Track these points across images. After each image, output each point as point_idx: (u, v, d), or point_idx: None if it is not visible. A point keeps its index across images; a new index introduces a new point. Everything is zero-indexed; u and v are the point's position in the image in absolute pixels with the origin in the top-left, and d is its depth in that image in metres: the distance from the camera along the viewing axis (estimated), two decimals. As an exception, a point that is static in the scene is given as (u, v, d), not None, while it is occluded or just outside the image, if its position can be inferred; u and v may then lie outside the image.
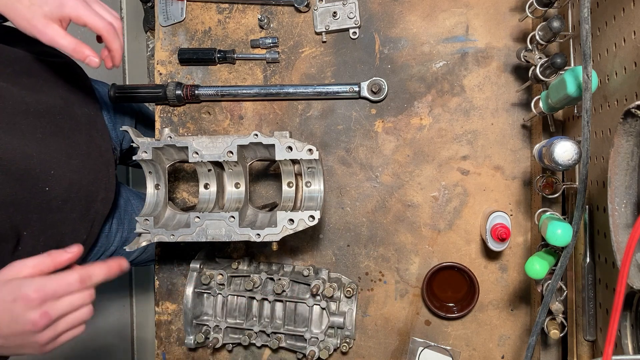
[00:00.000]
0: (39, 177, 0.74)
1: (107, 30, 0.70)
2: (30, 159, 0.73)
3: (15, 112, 0.73)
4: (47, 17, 0.66)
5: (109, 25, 0.70)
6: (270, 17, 0.94)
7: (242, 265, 0.92)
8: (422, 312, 0.93)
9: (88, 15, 0.68)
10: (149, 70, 2.00)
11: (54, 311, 0.59)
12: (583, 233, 0.70)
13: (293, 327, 0.88)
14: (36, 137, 0.75)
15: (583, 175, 0.56)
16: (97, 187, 0.86)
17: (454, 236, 0.91)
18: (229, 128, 0.95)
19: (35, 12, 0.66)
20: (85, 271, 0.62)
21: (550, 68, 0.69)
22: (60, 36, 0.67)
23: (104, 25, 0.69)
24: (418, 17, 0.91)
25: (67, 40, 0.67)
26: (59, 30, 0.67)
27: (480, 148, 0.90)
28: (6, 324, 0.57)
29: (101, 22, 0.69)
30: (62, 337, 0.62)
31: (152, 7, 1.93)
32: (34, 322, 0.57)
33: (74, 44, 0.68)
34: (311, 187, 0.78)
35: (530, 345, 0.61)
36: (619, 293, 0.42)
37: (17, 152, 0.71)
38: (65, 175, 0.78)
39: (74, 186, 0.80)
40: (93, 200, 0.85)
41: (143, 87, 0.94)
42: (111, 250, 0.98)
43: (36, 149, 0.74)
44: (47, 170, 0.75)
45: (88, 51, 0.69)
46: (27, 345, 0.60)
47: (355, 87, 0.90)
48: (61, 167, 0.78)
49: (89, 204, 0.84)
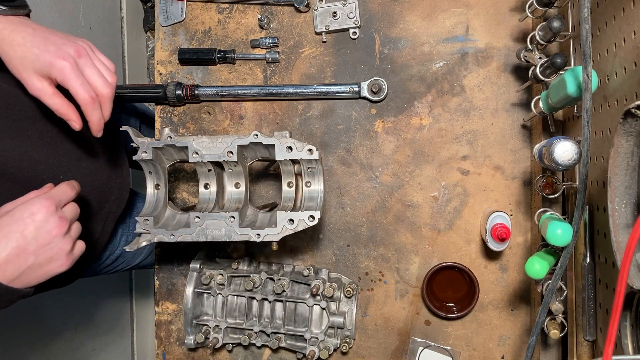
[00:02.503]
0: (47, 182, 0.73)
1: (86, 103, 0.67)
2: (38, 164, 0.72)
3: (22, 117, 0.72)
4: (37, 73, 0.65)
5: (90, 98, 0.66)
6: (270, 17, 0.94)
7: (242, 265, 0.92)
8: (422, 312, 0.93)
9: (72, 83, 0.65)
10: (149, 70, 2.00)
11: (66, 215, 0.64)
12: (583, 233, 0.70)
13: (293, 327, 0.88)
14: (44, 141, 0.74)
15: (583, 175, 0.56)
16: (110, 187, 0.85)
17: (454, 236, 0.91)
18: (229, 128, 0.95)
19: (26, 66, 0.64)
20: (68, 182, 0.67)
21: (550, 68, 0.69)
22: (47, 95, 0.65)
23: (84, 97, 0.66)
24: (418, 17, 0.91)
25: (53, 101, 0.66)
26: (48, 88, 0.65)
27: (480, 148, 0.90)
28: (33, 236, 0.59)
29: (83, 93, 0.66)
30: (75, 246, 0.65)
31: (152, 7, 1.93)
32: (58, 225, 0.61)
33: (59, 105, 0.66)
34: (311, 187, 0.78)
35: (530, 345, 0.61)
36: (619, 293, 0.42)
37: (24, 159, 0.71)
38: (75, 178, 0.77)
39: (85, 189, 0.79)
40: (106, 200, 0.85)
41: (143, 87, 0.94)
42: (116, 254, 0.98)
43: (44, 154, 0.73)
44: (56, 175, 0.75)
45: (73, 115, 0.67)
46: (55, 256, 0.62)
47: (355, 87, 0.90)
48: (71, 171, 0.77)
49: (101, 205, 0.84)
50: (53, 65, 0.64)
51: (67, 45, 0.66)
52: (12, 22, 0.65)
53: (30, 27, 0.66)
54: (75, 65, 0.66)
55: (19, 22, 0.66)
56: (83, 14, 1.49)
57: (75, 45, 0.67)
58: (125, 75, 1.80)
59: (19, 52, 0.64)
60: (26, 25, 0.66)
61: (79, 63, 0.67)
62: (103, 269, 0.98)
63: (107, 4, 1.68)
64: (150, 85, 0.93)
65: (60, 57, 0.65)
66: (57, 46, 0.65)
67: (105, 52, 0.73)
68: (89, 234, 0.83)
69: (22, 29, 0.65)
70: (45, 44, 0.65)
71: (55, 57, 0.64)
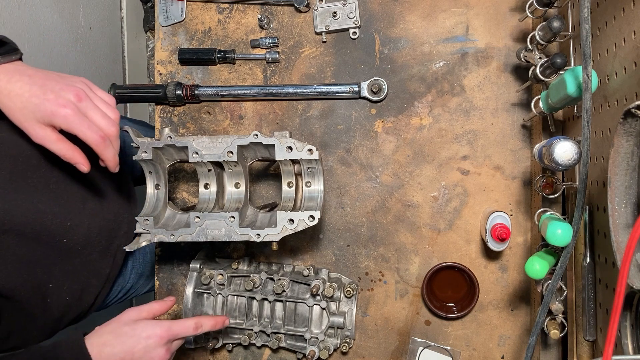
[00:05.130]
0: (55, 232, 0.73)
1: (97, 144, 0.66)
2: (44, 216, 0.72)
3: (27, 167, 0.71)
4: (39, 122, 0.64)
5: (100, 138, 0.66)
6: (270, 17, 0.94)
7: (242, 265, 0.92)
8: (422, 312, 0.93)
9: (78, 129, 0.65)
10: (149, 70, 2.00)
11: (173, 348, 0.72)
12: (583, 233, 0.70)
13: (293, 327, 0.88)
14: (49, 188, 0.74)
15: (583, 175, 0.56)
16: (119, 223, 0.85)
17: (454, 236, 0.91)
18: (229, 128, 0.95)
19: (27, 116, 0.64)
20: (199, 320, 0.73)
21: (550, 68, 0.69)
22: (51, 142, 0.65)
23: (94, 139, 0.66)
24: (418, 17, 0.91)
25: (58, 146, 0.65)
26: (51, 135, 0.65)
27: (480, 148, 0.90)
28: (139, 356, 0.68)
29: (92, 135, 0.65)
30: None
31: (152, 7, 1.93)
32: (161, 357, 0.69)
33: (64, 150, 0.66)
34: (311, 187, 0.78)
35: (530, 345, 0.61)
36: (619, 293, 0.42)
37: (31, 212, 0.70)
38: (82, 222, 0.77)
39: (93, 230, 0.79)
40: (115, 236, 0.85)
41: (143, 87, 0.94)
42: (127, 287, 0.98)
43: (49, 202, 0.73)
44: (63, 223, 0.75)
45: (80, 158, 0.67)
46: None
47: (355, 87, 0.90)
48: (77, 216, 0.77)
49: (110, 241, 0.84)
50: (55, 115, 0.64)
51: (66, 91, 0.65)
52: (7, 72, 0.64)
53: (25, 75, 0.65)
54: (78, 110, 0.65)
55: (13, 70, 0.64)
56: (83, 14, 1.49)
57: (74, 89, 0.66)
58: (125, 75, 1.80)
59: (18, 104, 0.63)
60: (21, 74, 0.65)
61: (81, 107, 0.66)
62: (113, 302, 0.99)
63: (107, 4, 1.68)
64: (150, 85, 0.93)
65: (61, 105, 0.64)
66: (55, 93, 0.64)
67: (105, 52, 0.72)
68: (99, 270, 0.83)
69: (18, 78, 0.64)
70: (43, 92, 0.64)
71: (56, 106, 0.64)
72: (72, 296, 0.73)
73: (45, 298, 0.75)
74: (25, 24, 1.21)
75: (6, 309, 0.70)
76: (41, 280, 0.73)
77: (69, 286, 0.78)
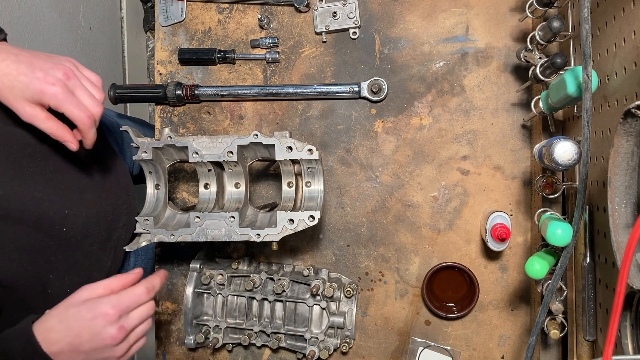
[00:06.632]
0: (54, 220, 0.73)
1: (84, 123, 0.67)
2: (41, 203, 0.72)
3: (22, 155, 0.71)
4: (28, 101, 0.64)
5: (87, 117, 0.67)
6: (270, 17, 0.94)
7: (242, 265, 0.92)
8: (422, 312, 0.93)
9: (67, 107, 0.65)
10: (149, 70, 2.01)
11: (128, 324, 0.66)
12: (583, 233, 0.70)
13: (293, 327, 0.88)
14: (46, 177, 0.74)
15: (583, 175, 0.56)
16: (117, 214, 0.85)
17: (454, 236, 0.91)
18: (229, 128, 0.95)
19: (16, 95, 0.64)
20: (148, 282, 0.68)
21: (550, 68, 0.69)
22: (40, 120, 0.65)
23: (81, 117, 0.66)
24: (418, 17, 0.91)
25: (47, 125, 0.66)
26: (40, 113, 0.65)
27: (480, 148, 0.90)
28: (87, 340, 0.62)
29: (79, 114, 0.66)
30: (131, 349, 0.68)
31: (152, 7, 1.93)
32: (113, 337, 0.63)
33: (54, 128, 0.66)
34: (311, 187, 0.78)
35: (530, 345, 0.61)
36: (619, 293, 0.42)
37: (28, 199, 0.70)
38: (80, 211, 0.77)
39: (91, 220, 0.79)
40: (114, 228, 0.85)
41: (143, 87, 0.94)
42: None
43: (47, 191, 0.73)
44: (61, 211, 0.74)
45: (69, 136, 0.68)
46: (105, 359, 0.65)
47: (355, 87, 0.90)
48: (75, 205, 0.77)
49: (109, 233, 0.84)
50: (44, 93, 0.64)
51: (54, 69, 0.65)
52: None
53: (11, 54, 0.65)
54: (66, 88, 0.66)
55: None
56: (83, 14, 1.49)
57: (62, 67, 0.66)
58: (125, 75, 1.80)
59: (6, 82, 0.63)
60: (7, 52, 0.65)
61: (69, 85, 0.66)
62: None
63: (107, 4, 1.68)
64: (150, 85, 0.93)
65: (50, 83, 0.64)
66: (44, 72, 0.64)
67: (105, 52, 0.73)
68: (101, 263, 0.83)
69: (4, 57, 0.64)
70: (32, 70, 0.64)
71: (45, 83, 0.64)
72: (73, 289, 0.71)
73: (46, 289, 0.74)
74: (25, 24, 1.21)
75: (7, 300, 0.70)
76: (42, 270, 0.73)
77: (70, 278, 0.77)
